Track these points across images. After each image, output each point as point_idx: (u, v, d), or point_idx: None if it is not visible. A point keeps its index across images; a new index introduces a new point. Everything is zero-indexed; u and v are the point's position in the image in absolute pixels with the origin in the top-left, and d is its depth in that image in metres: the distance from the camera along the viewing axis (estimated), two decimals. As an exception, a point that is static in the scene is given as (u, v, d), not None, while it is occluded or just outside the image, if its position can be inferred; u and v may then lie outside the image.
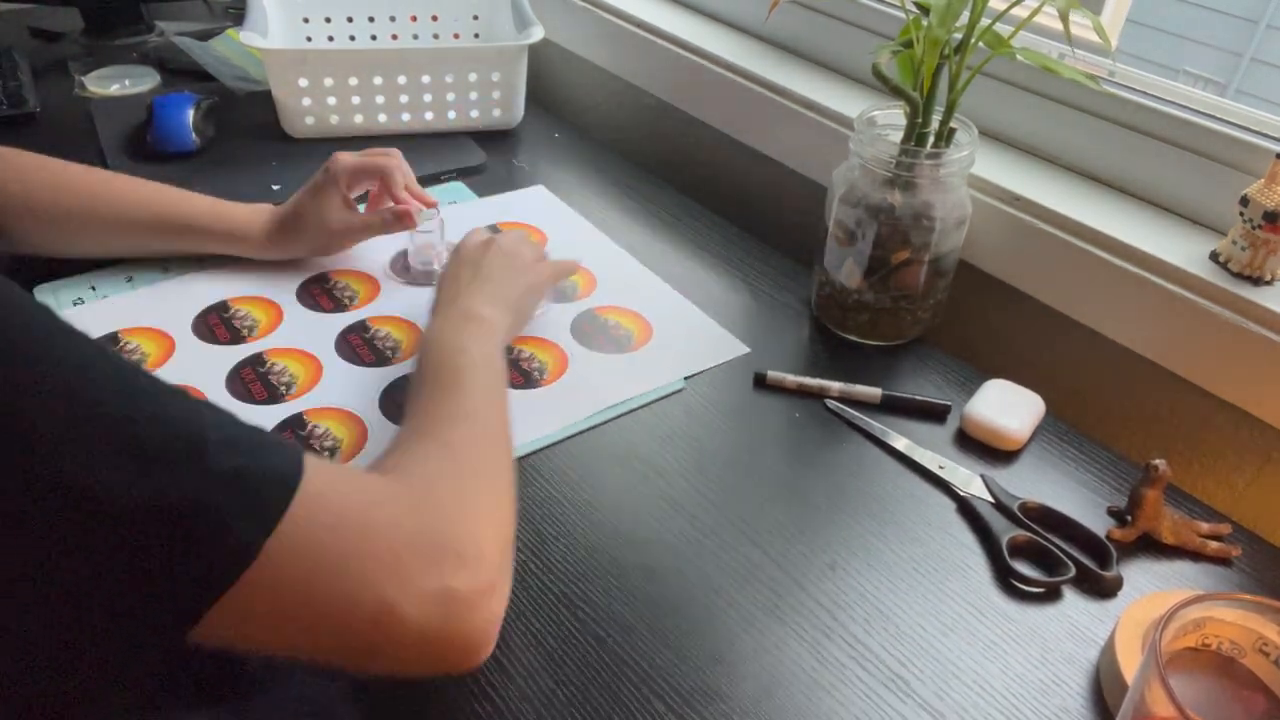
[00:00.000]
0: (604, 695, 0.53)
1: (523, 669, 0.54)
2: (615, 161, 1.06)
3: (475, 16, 1.15)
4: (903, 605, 0.59)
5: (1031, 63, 0.71)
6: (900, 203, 0.74)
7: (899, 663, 0.55)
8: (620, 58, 1.15)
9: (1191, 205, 0.76)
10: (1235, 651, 0.45)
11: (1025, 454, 0.71)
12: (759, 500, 0.65)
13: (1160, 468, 0.62)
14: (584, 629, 0.56)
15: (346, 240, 0.84)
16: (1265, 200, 0.66)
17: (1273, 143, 0.71)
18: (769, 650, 0.56)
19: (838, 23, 0.97)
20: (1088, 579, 0.61)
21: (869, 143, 0.74)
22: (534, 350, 0.77)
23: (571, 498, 0.64)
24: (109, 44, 1.24)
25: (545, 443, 0.69)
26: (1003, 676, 0.55)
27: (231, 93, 1.12)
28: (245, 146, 1.02)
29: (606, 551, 0.61)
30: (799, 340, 0.81)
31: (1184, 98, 0.76)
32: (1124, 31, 0.84)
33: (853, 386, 0.74)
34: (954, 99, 0.73)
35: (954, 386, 0.77)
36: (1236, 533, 0.65)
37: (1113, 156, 0.80)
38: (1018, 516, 0.64)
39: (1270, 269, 0.68)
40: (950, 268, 0.78)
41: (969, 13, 0.69)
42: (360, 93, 1.02)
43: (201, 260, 0.84)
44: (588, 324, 0.81)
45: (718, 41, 1.05)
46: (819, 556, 0.62)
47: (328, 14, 1.11)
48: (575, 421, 0.70)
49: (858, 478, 0.68)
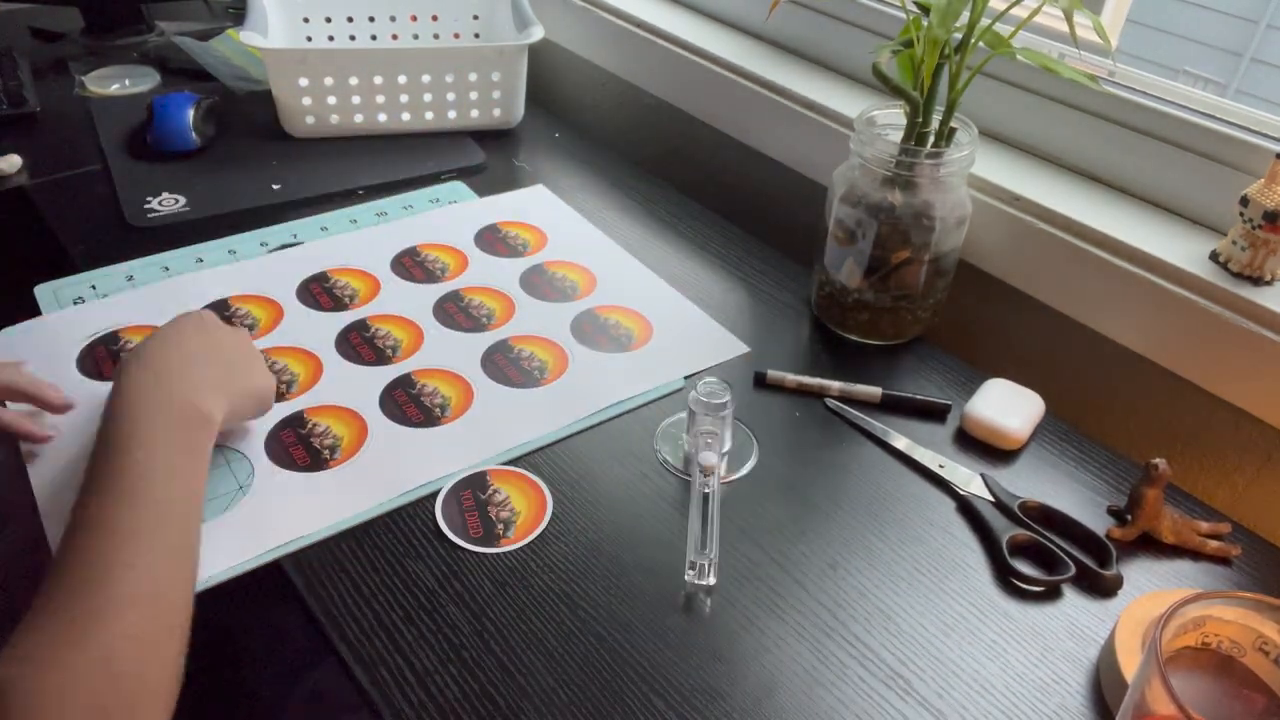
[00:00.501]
0: (605, 694, 0.53)
1: (523, 668, 0.54)
2: (615, 161, 1.06)
3: (475, 16, 1.15)
4: (903, 604, 0.59)
5: (1032, 63, 0.71)
6: (900, 202, 0.74)
7: (899, 661, 0.56)
8: (620, 58, 1.15)
9: (1191, 205, 0.76)
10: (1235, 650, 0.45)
11: (1025, 453, 0.71)
12: (759, 499, 0.65)
13: (1160, 467, 0.62)
14: (584, 628, 0.56)
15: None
16: (1265, 200, 0.66)
17: (1273, 143, 0.71)
18: (769, 649, 0.56)
19: (838, 23, 0.98)
20: (1088, 578, 0.61)
21: (869, 142, 0.74)
22: (534, 350, 0.77)
23: (572, 497, 0.65)
24: (109, 44, 1.24)
25: (545, 442, 0.69)
26: (1003, 675, 0.55)
27: (231, 93, 1.12)
28: (245, 146, 1.02)
29: (606, 550, 0.61)
30: (799, 340, 0.81)
31: (1184, 98, 0.76)
32: (1124, 31, 0.84)
33: (853, 386, 0.74)
34: (954, 99, 0.73)
35: (954, 386, 0.77)
36: (1236, 532, 0.65)
37: (1113, 156, 0.80)
38: (1018, 516, 0.64)
39: (1270, 269, 0.68)
40: (950, 267, 0.78)
41: (969, 12, 0.69)
42: (360, 92, 1.02)
43: (202, 259, 0.84)
44: (588, 323, 0.81)
45: (718, 41, 1.05)
46: (819, 555, 0.62)
47: (328, 14, 1.11)
48: (575, 420, 0.70)
49: (858, 477, 0.68)
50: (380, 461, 0.66)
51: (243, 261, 0.84)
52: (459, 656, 0.54)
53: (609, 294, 0.84)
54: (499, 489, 0.65)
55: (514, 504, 0.64)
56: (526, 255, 0.89)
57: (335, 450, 0.67)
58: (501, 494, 0.64)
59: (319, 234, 0.90)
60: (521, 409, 0.71)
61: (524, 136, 1.10)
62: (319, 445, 0.67)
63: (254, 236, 0.89)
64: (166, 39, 1.25)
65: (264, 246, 0.87)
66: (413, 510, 0.63)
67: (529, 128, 1.12)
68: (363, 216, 0.93)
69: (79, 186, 0.94)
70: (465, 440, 0.68)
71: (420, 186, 0.99)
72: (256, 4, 1.04)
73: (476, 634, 0.55)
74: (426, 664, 0.54)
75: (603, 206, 0.98)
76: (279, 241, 0.88)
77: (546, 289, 0.85)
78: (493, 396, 0.72)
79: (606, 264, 0.88)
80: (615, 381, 0.74)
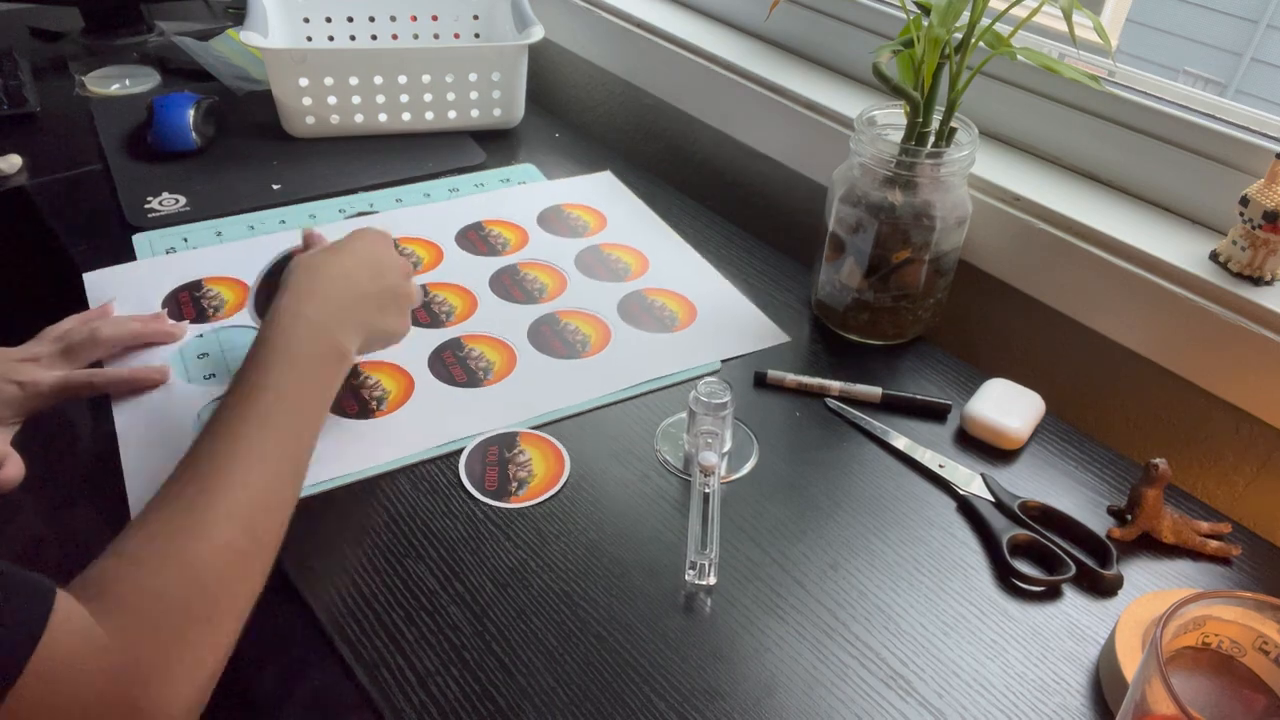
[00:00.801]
0: (605, 694, 0.53)
1: (523, 667, 0.54)
2: (615, 161, 1.06)
3: (475, 16, 1.15)
4: (903, 604, 0.59)
5: (1032, 62, 0.71)
6: (900, 202, 0.74)
7: (900, 661, 0.56)
8: (620, 58, 1.15)
9: (1191, 205, 0.76)
10: (1235, 650, 0.45)
11: (1025, 453, 0.71)
12: (759, 499, 0.65)
13: (1160, 467, 0.62)
14: (585, 628, 0.56)
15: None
16: (1265, 200, 0.66)
17: (1273, 143, 0.71)
18: (770, 649, 0.56)
19: (838, 23, 0.98)
20: (1088, 578, 0.61)
21: (869, 142, 0.74)
22: (579, 324, 0.80)
23: (572, 496, 0.65)
24: (109, 44, 1.24)
25: (576, 410, 0.72)
26: (1003, 675, 0.55)
27: (231, 93, 1.12)
28: (245, 146, 1.02)
29: (607, 550, 0.61)
30: (799, 339, 0.81)
31: (1184, 98, 0.76)
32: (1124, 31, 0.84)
33: (853, 386, 0.74)
34: (954, 98, 0.73)
35: (954, 386, 0.77)
36: (1236, 532, 0.65)
37: (1113, 156, 0.80)
38: (1018, 515, 0.64)
39: (1270, 269, 0.68)
40: (950, 267, 0.78)
41: (969, 12, 0.69)
42: (360, 92, 1.02)
43: (284, 221, 0.91)
44: (635, 303, 0.83)
45: (718, 41, 1.05)
46: (820, 555, 0.62)
47: (328, 14, 1.11)
48: (612, 392, 0.73)
49: (858, 477, 0.68)
50: (422, 415, 0.70)
51: (324, 225, 0.89)
52: (460, 657, 0.54)
53: (660, 277, 0.87)
54: (524, 449, 0.68)
55: (534, 466, 0.67)
56: (585, 236, 0.93)
57: (382, 402, 0.71)
58: (525, 454, 0.68)
59: (393, 204, 0.96)
60: (560, 377, 0.75)
61: (524, 136, 1.10)
62: (368, 396, 0.71)
63: (333, 204, 0.95)
64: (166, 39, 1.25)
65: (341, 213, 0.93)
66: (413, 509, 0.63)
67: (529, 128, 1.12)
68: (410, 195, 0.98)
69: (79, 186, 0.94)
70: (505, 400, 0.72)
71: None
72: (256, 4, 1.04)
73: (477, 634, 0.55)
74: (427, 664, 0.54)
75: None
76: (355, 209, 0.95)
77: (600, 268, 0.88)
78: (534, 364, 0.76)
79: (662, 249, 0.91)
80: (654, 359, 0.77)
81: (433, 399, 0.72)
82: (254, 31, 0.98)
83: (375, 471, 0.65)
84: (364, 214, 0.93)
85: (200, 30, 1.28)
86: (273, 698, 0.72)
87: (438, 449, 0.67)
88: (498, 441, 0.68)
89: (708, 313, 0.83)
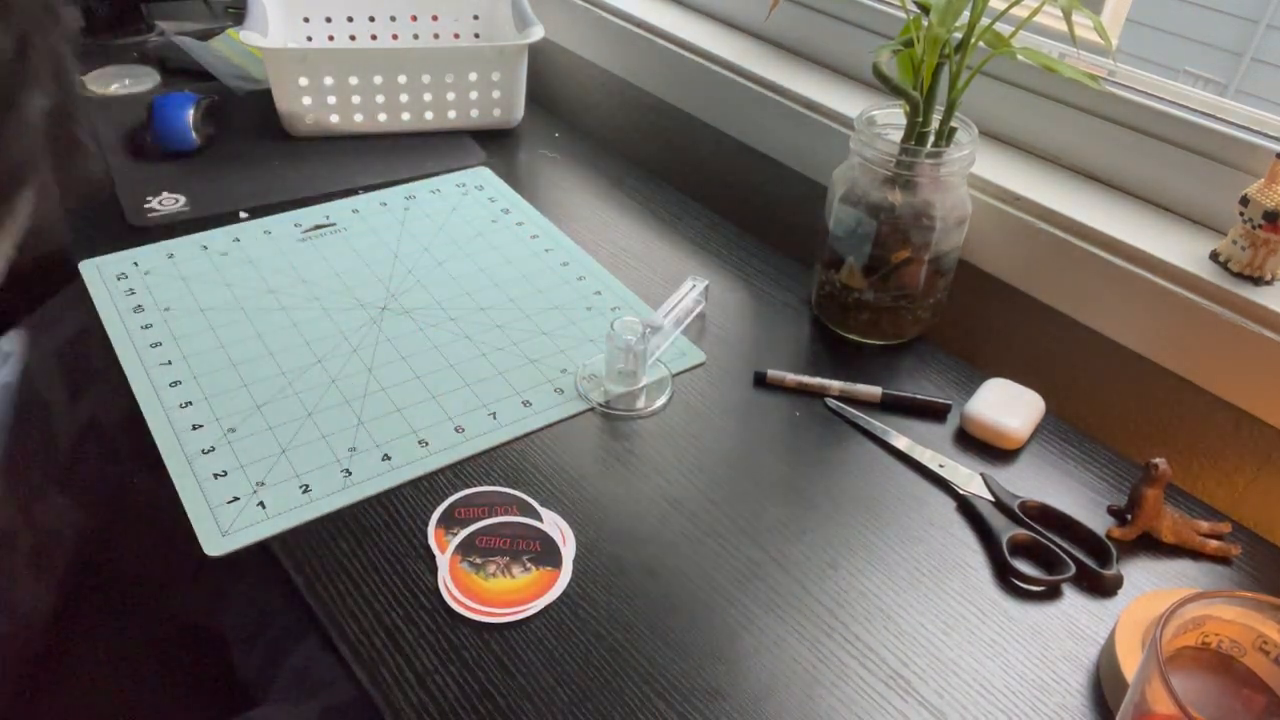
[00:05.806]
0: (605, 693, 0.53)
1: (523, 667, 0.54)
2: (615, 161, 1.06)
3: (475, 16, 1.15)
4: (903, 604, 0.59)
5: (1032, 62, 0.71)
6: (900, 202, 0.74)
7: (899, 661, 0.56)
8: (620, 58, 1.15)
9: (1191, 205, 0.76)
10: (1235, 650, 0.45)
11: (1025, 453, 0.71)
12: (759, 499, 0.65)
13: (1160, 467, 0.62)
14: (584, 627, 0.56)
15: None
16: (1265, 200, 0.66)
17: (1273, 143, 0.71)
18: (769, 648, 0.56)
19: (838, 23, 0.98)
20: (1088, 577, 0.61)
21: (869, 142, 0.74)
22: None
23: (571, 495, 0.65)
24: (109, 44, 1.24)
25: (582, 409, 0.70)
26: (1003, 675, 0.55)
27: (231, 92, 1.12)
28: (245, 146, 1.02)
29: (606, 550, 0.61)
30: (799, 339, 0.81)
31: (1184, 98, 0.76)
32: (1124, 31, 0.84)
33: (853, 385, 0.74)
34: (954, 98, 0.73)
35: (954, 386, 0.77)
36: (1236, 531, 0.65)
37: (1113, 156, 0.80)
38: (1018, 515, 0.64)
39: (1270, 269, 0.68)
40: (950, 267, 0.78)
41: (969, 12, 0.69)
42: (360, 92, 1.02)
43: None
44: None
45: (718, 41, 1.05)
46: (819, 555, 0.62)
47: (328, 14, 1.11)
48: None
49: (858, 477, 0.68)
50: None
51: (279, 239, 0.88)
52: (459, 656, 0.54)
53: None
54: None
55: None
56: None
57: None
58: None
59: (403, 203, 0.94)
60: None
61: (524, 137, 1.10)
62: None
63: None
64: (166, 39, 1.25)
65: (298, 226, 0.92)
66: (413, 510, 0.63)
67: (529, 128, 1.12)
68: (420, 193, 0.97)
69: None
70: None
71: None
72: (256, 4, 1.04)
73: (476, 633, 0.55)
74: (427, 664, 0.54)
75: (603, 206, 0.98)
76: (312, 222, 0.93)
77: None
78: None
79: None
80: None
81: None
82: (254, 31, 0.98)
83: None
84: (320, 226, 0.90)
85: (200, 30, 1.28)
86: (271, 697, 0.71)
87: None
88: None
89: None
